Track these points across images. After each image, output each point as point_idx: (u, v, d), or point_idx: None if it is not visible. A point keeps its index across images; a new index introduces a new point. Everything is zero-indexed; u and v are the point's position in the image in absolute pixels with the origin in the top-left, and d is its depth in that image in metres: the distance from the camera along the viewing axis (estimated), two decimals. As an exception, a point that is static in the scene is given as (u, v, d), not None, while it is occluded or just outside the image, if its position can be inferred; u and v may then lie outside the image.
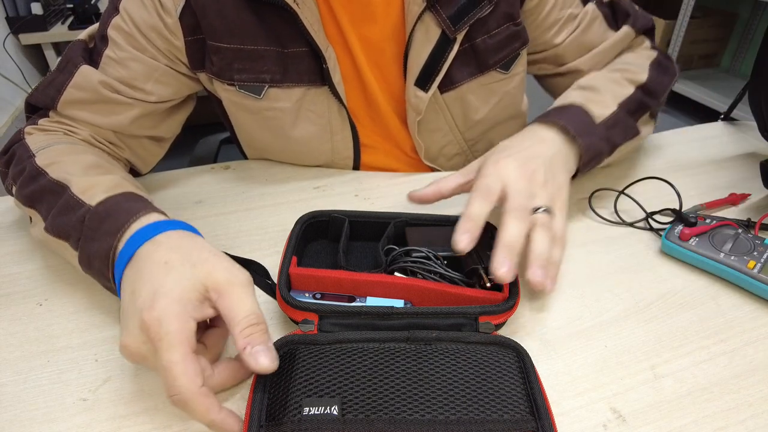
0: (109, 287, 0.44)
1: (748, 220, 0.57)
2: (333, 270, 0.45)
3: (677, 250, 0.53)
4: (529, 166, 0.47)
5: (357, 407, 0.35)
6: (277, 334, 0.43)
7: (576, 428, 0.38)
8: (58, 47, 1.98)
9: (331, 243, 0.53)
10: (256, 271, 0.50)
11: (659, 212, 0.59)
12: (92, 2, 2.01)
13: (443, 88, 0.64)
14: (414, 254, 0.47)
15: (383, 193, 0.65)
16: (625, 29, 0.68)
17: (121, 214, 0.43)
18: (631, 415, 0.39)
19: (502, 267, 0.41)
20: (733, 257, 0.50)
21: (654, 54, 0.67)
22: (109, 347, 0.44)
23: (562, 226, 0.46)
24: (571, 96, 0.59)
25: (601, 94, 0.59)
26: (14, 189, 0.53)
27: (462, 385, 0.37)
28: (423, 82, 0.62)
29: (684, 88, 2.58)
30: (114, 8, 0.58)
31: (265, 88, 0.61)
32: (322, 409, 0.34)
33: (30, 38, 1.87)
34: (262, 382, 0.37)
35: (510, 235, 0.42)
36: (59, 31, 1.92)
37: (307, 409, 0.34)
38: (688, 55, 2.67)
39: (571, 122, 0.53)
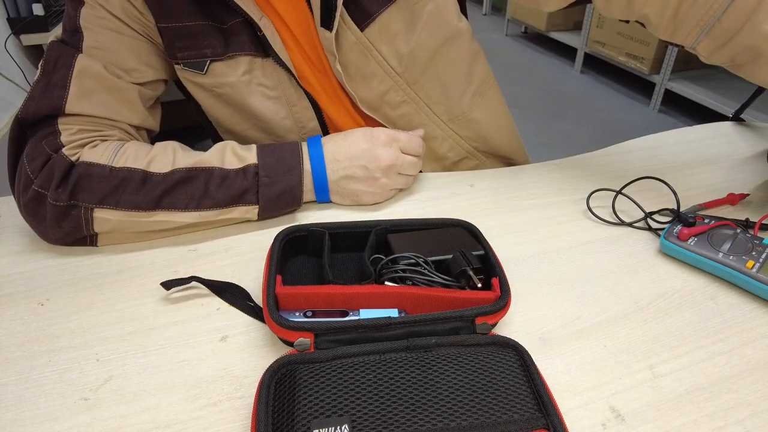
0: (290, 210, 0.59)
1: (747, 220, 0.57)
2: (322, 286, 0.44)
3: (676, 250, 0.53)
4: None
5: (368, 423, 0.34)
6: (269, 357, 0.43)
7: (575, 428, 0.38)
8: (58, 48, 1.99)
9: (311, 258, 0.51)
10: (235, 294, 0.48)
11: (658, 212, 0.59)
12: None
13: (362, 24, 0.61)
14: (402, 261, 0.47)
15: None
16: None
17: (286, 154, 0.57)
18: (630, 415, 0.39)
19: None
20: (731, 257, 0.50)
21: None
22: (110, 347, 0.44)
23: None
24: None
25: None
26: (101, 210, 0.51)
27: (468, 389, 0.37)
28: (327, 22, 0.59)
29: (683, 88, 2.58)
30: (78, 1, 0.56)
31: (207, 63, 0.61)
32: (332, 430, 0.34)
33: (31, 39, 1.87)
34: (264, 406, 0.35)
35: None
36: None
37: (317, 431, 0.33)
38: (687, 56, 2.67)
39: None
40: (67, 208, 0.51)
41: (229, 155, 0.56)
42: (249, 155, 0.56)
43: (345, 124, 0.69)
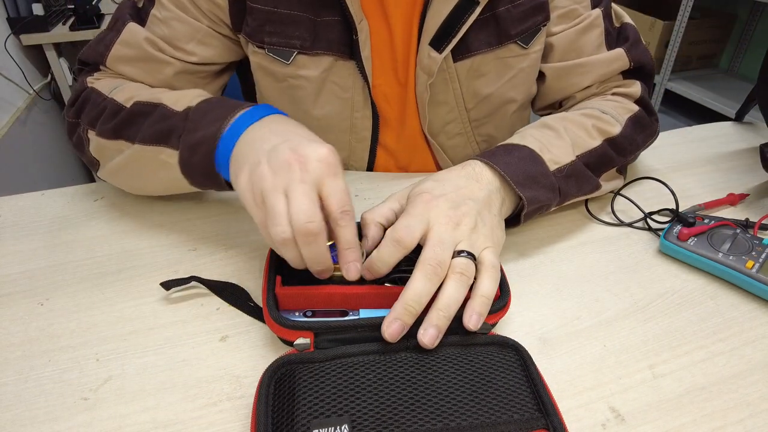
0: (209, 172, 0.48)
1: (747, 220, 0.57)
2: (322, 286, 0.44)
3: (676, 250, 0.53)
4: (459, 210, 0.44)
5: (367, 423, 0.34)
6: (269, 357, 0.43)
7: (575, 427, 0.38)
8: (59, 48, 1.98)
9: None
10: (235, 294, 0.48)
11: (657, 212, 0.59)
12: (93, 3, 2.01)
13: (457, 55, 0.62)
14: (402, 262, 0.46)
15: (384, 193, 0.65)
16: (618, 51, 0.64)
17: (226, 106, 0.49)
18: (630, 415, 0.39)
19: (390, 327, 0.39)
20: (731, 257, 0.50)
21: (635, 108, 0.63)
22: (110, 346, 0.44)
23: (492, 259, 0.43)
24: (527, 135, 0.56)
25: (562, 139, 0.56)
26: (91, 132, 0.56)
27: (468, 389, 0.37)
28: (438, 43, 0.59)
29: (682, 88, 2.58)
30: None
31: (294, 54, 0.61)
32: (332, 430, 0.33)
33: (31, 39, 1.87)
34: (264, 406, 0.35)
35: (413, 291, 0.39)
36: (60, 32, 1.91)
37: (317, 431, 0.33)
38: (687, 56, 2.67)
39: (515, 170, 0.50)
40: (73, 125, 0.59)
41: (187, 97, 0.53)
42: (196, 100, 0.52)
43: (395, 140, 0.70)
